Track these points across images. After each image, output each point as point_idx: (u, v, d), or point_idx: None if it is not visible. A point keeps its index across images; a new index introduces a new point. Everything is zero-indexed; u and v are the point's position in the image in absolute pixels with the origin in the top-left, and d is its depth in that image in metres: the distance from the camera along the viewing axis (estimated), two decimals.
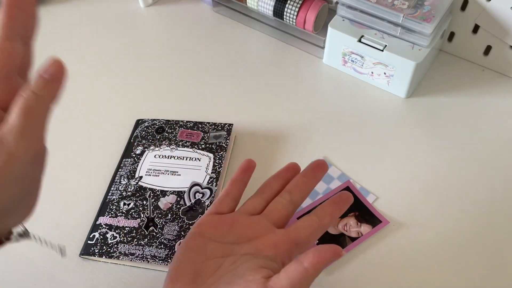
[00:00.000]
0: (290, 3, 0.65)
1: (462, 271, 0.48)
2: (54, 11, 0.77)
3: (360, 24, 0.62)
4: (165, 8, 0.77)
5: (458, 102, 0.63)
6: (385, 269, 0.48)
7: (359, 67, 0.64)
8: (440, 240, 0.50)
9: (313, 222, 0.40)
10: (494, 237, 0.50)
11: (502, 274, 0.48)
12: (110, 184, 0.55)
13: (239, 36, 0.72)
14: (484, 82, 0.65)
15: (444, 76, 0.66)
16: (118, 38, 0.73)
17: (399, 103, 0.63)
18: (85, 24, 0.75)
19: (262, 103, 0.63)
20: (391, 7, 0.58)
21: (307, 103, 0.63)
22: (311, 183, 0.44)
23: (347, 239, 0.50)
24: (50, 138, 0.55)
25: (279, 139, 0.59)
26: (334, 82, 0.66)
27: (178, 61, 0.69)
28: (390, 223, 0.51)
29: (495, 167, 0.56)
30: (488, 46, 0.64)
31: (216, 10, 0.76)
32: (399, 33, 0.59)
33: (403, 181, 0.55)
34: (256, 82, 0.66)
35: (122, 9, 0.77)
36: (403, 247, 0.50)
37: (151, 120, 0.60)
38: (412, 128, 0.60)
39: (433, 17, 0.57)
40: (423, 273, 0.48)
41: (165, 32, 0.74)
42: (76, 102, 0.65)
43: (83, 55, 0.70)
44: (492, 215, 0.52)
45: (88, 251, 0.49)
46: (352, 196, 0.44)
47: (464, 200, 0.53)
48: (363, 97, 0.64)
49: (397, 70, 0.60)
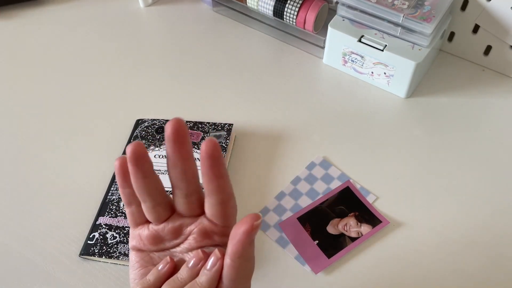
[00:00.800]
0: (290, 3, 0.65)
1: (462, 271, 0.48)
2: (54, 11, 0.77)
3: (360, 24, 0.62)
4: (165, 8, 0.77)
5: (458, 102, 0.63)
6: (385, 269, 0.48)
7: (359, 67, 0.64)
8: (440, 240, 0.50)
9: None
10: (494, 237, 0.50)
11: (502, 274, 0.48)
12: (110, 184, 0.55)
13: (239, 36, 0.72)
14: (484, 82, 0.65)
15: (444, 76, 0.66)
16: (118, 38, 0.73)
17: (399, 103, 0.63)
18: (85, 24, 0.75)
19: (262, 103, 0.63)
20: (391, 7, 0.58)
21: (307, 103, 0.63)
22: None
23: (347, 239, 0.50)
24: (50, 138, 0.55)
25: (279, 139, 0.59)
26: (334, 82, 0.66)
27: (178, 61, 0.69)
28: (390, 223, 0.51)
29: (495, 167, 0.56)
30: (488, 46, 0.64)
31: (216, 10, 0.76)
32: (399, 33, 0.59)
33: (403, 181, 0.55)
34: (256, 82, 0.66)
35: (122, 9, 0.77)
36: (403, 247, 0.50)
37: (151, 120, 0.60)
38: (412, 128, 0.60)
39: (433, 17, 0.57)
40: (423, 273, 0.48)
41: (165, 32, 0.74)
42: (76, 102, 0.65)
43: (83, 55, 0.70)
44: (492, 215, 0.52)
45: (88, 251, 0.49)
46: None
47: (464, 200, 0.53)
48: (363, 97, 0.64)
49: (397, 70, 0.60)
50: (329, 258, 0.49)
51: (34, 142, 0.60)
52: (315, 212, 0.52)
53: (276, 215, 0.52)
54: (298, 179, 0.55)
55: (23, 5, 0.77)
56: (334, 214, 0.52)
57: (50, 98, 0.65)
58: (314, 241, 0.50)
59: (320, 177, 0.55)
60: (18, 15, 0.76)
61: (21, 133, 0.61)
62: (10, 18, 0.76)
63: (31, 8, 0.77)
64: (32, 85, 0.67)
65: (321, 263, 0.48)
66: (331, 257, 0.49)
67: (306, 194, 0.54)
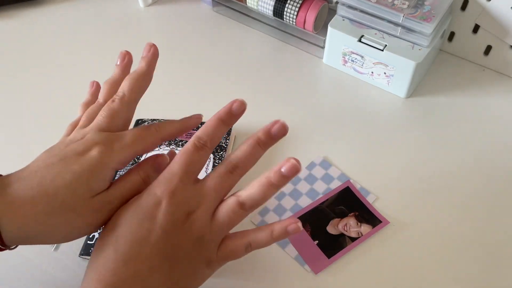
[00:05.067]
0: (290, 3, 0.65)
1: (463, 271, 0.48)
2: (54, 11, 0.77)
3: (360, 24, 0.62)
4: (165, 8, 0.77)
5: (458, 102, 0.63)
6: (386, 269, 0.48)
7: (359, 67, 0.64)
8: (441, 240, 0.50)
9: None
10: (495, 237, 0.50)
11: (502, 274, 0.48)
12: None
13: (239, 36, 0.72)
14: (484, 82, 0.65)
15: (444, 76, 0.66)
16: (117, 38, 0.73)
17: (399, 103, 0.63)
18: (85, 24, 0.75)
19: (262, 103, 0.63)
20: (391, 7, 0.58)
21: (307, 103, 0.63)
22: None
23: (347, 239, 0.50)
24: (50, 138, 0.54)
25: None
26: (334, 82, 0.66)
27: (177, 61, 0.69)
28: (390, 223, 0.51)
29: (495, 167, 0.56)
30: (488, 46, 0.64)
31: (216, 10, 0.76)
32: (399, 33, 0.59)
33: (403, 181, 0.55)
34: (256, 82, 0.66)
35: (122, 9, 0.77)
36: (403, 247, 0.50)
37: (151, 120, 0.60)
38: (412, 128, 0.60)
39: (433, 17, 0.57)
40: (424, 273, 0.48)
41: (165, 32, 0.74)
42: (76, 102, 0.64)
43: (82, 55, 0.70)
44: (492, 214, 0.52)
45: (88, 251, 0.49)
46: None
47: (465, 200, 0.53)
48: (363, 97, 0.64)
49: (397, 70, 0.60)
50: (329, 258, 0.49)
51: (34, 142, 0.60)
52: (315, 212, 0.52)
53: (276, 215, 0.52)
54: (298, 179, 0.55)
55: (23, 5, 0.77)
56: (334, 214, 0.52)
57: (50, 98, 0.65)
58: (314, 241, 0.50)
59: (320, 177, 0.55)
60: (18, 15, 0.76)
61: (21, 133, 0.61)
62: (10, 18, 0.76)
63: (31, 8, 0.77)
64: (32, 85, 0.67)
65: (321, 263, 0.48)
66: (331, 257, 0.49)
67: (306, 194, 0.54)
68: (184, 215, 0.36)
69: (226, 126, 0.39)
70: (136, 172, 0.39)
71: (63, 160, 0.36)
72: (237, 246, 0.38)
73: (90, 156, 0.36)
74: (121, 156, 0.37)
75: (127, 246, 0.35)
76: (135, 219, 0.36)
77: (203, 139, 0.38)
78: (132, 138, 0.38)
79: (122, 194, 0.38)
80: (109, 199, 0.37)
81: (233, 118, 0.39)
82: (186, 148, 0.38)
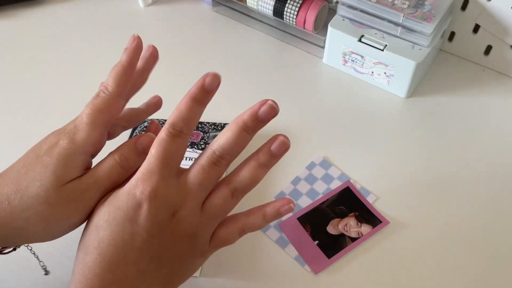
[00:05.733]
0: (290, 3, 0.65)
1: (463, 271, 0.48)
2: (54, 11, 0.76)
3: (360, 24, 0.62)
4: (164, 8, 0.77)
5: (458, 102, 0.63)
6: (386, 269, 0.48)
7: (359, 66, 0.64)
8: (441, 240, 0.50)
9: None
10: (495, 237, 0.50)
11: (502, 274, 0.48)
12: None
13: (239, 36, 0.72)
14: (485, 82, 0.65)
15: (444, 76, 0.66)
16: (117, 38, 0.73)
17: (399, 103, 0.63)
18: (85, 24, 0.75)
19: None
20: (391, 7, 0.58)
21: (307, 103, 0.63)
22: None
23: (347, 239, 0.50)
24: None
25: None
26: (334, 82, 0.66)
27: (177, 61, 0.69)
28: (390, 223, 0.51)
29: (495, 167, 0.56)
30: (488, 46, 0.64)
31: (216, 10, 0.76)
32: (400, 33, 0.59)
33: (403, 181, 0.55)
34: (256, 82, 0.66)
35: (122, 9, 0.77)
36: (404, 247, 0.50)
37: (150, 120, 0.60)
38: (412, 128, 0.60)
39: (434, 17, 0.57)
40: (424, 273, 0.48)
41: (164, 32, 0.74)
42: (76, 102, 0.64)
43: (82, 55, 0.70)
44: (492, 215, 0.52)
45: None
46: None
47: (465, 200, 0.53)
48: (363, 97, 0.64)
49: (397, 69, 0.60)
50: (329, 258, 0.49)
51: (34, 142, 0.60)
52: (315, 212, 0.52)
53: None
54: (298, 179, 0.55)
55: (23, 5, 0.77)
56: (334, 214, 0.52)
57: (50, 98, 0.65)
58: (314, 241, 0.50)
59: (320, 177, 0.55)
60: (18, 15, 0.76)
61: (21, 133, 0.61)
62: (10, 18, 0.76)
63: (31, 8, 0.77)
64: (32, 85, 0.67)
65: (321, 263, 0.48)
66: (331, 257, 0.49)
67: (306, 194, 0.54)
68: (168, 215, 0.34)
69: (201, 106, 0.35)
70: (112, 156, 0.36)
71: (37, 155, 0.36)
72: (229, 234, 0.37)
73: (58, 145, 0.35)
74: (83, 136, 0.35)
75: (110, 251, 0.33)
76: (116, 221, 0.33)
77: (178, 125, 0.34)
78: (86, 112, 0.36)
79: (97, 180, 0.35)
80: (82, 187, 0.35)
81: (208, 95, 0.35)
82: (161, 138, 0.34)
